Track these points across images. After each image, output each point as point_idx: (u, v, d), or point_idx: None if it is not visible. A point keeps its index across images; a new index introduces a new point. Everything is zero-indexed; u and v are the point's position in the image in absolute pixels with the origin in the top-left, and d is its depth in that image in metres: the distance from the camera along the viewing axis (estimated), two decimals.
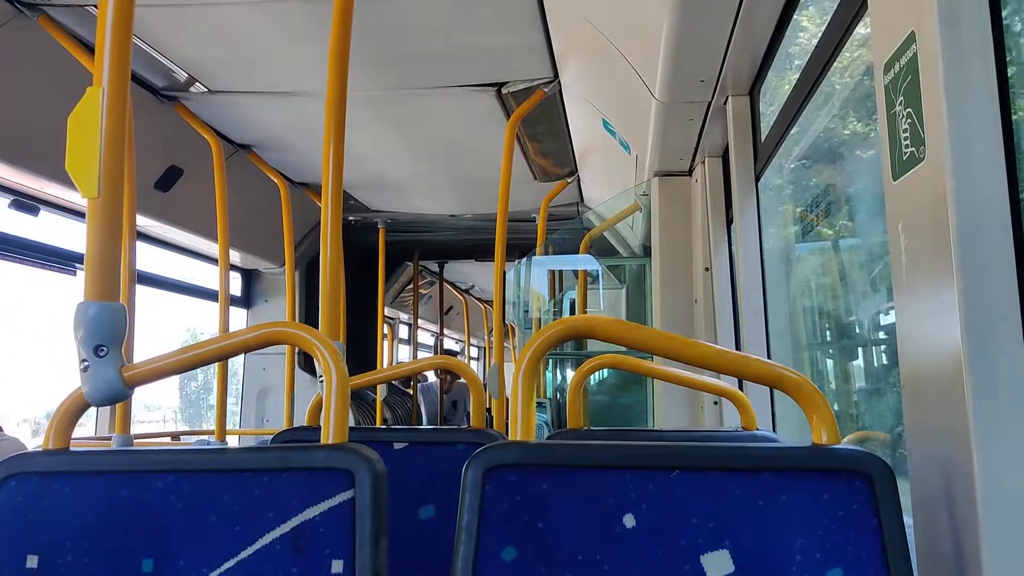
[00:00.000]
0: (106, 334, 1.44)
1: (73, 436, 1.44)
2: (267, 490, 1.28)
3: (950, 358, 1.08)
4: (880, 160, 1.29)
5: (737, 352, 1.31)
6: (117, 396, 1.43)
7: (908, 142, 1.18)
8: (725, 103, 2.99)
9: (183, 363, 1.42)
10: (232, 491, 1.28)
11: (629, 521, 1.17)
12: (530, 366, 1.28)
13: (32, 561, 1.29)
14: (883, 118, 1.27)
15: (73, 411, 1.43)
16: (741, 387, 2.54)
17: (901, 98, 1.20)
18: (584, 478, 1.20)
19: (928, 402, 1.18)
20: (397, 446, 1.99)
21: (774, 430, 2.76)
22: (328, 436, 1.34)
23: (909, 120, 1.18)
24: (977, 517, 1.03)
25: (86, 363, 1.42)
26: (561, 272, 6.21)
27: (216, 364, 4.29)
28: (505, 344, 4.18)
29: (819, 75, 2.17)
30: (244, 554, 1.25)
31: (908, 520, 1.15)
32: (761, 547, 1.14)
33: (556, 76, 3.80)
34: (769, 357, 2.89)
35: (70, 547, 1.29)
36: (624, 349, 3.35)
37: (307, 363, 5.98)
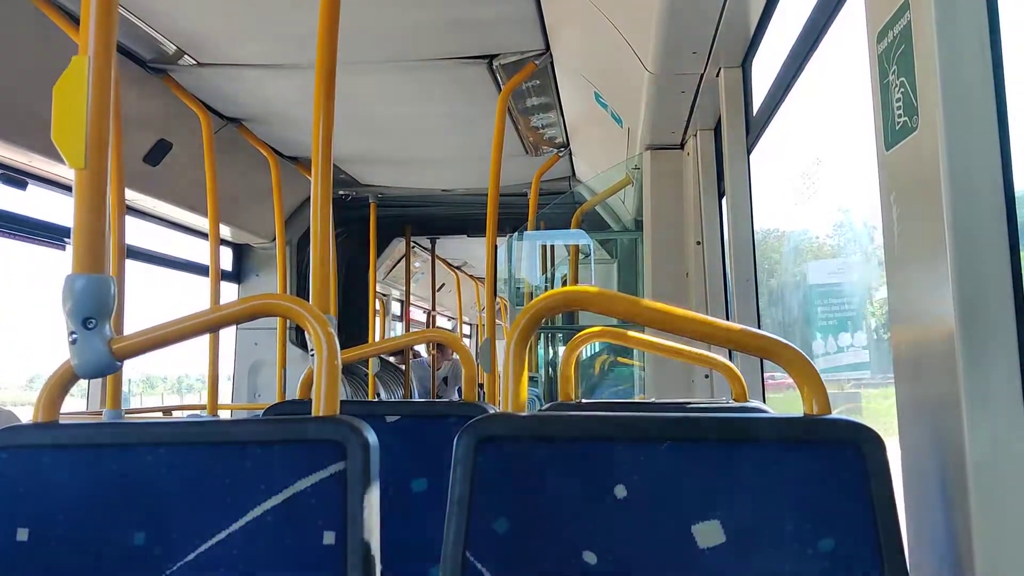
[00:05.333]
0: (94, 306, 1.43)
1: (64, 411, 1.43)
2: (259, 462, 1.27)
3: (942, 330, 1.08)
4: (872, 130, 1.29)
5: (728, 323, 1.31)
6: (106, 368, 1.42)
7: (901, 111, 1.17)
8: (717, 75, 2.97)
9: (173, 335, 1.41)
10: (224, 463, 1.28)
11: (621, 492, 1.17)
12: (522, 338, 1.27)
13: (22, 534, 1.29)
14: (875, 88, 1.27)
15: (62, 384, 1.42)
16: (731, 360, 2.55)
17: (894, 67, 1.19)
18: (576, 449, 1.20)
19: (919, 374, 1.18)
20: (389, 419, 1.99)
21: (764, 402, 2.77)
22: (319, 408, 1.33)
23: (902, 89, 1.17)
24: (968, 488, 1.03)
25: (74, 335, 1.41)
26: (553, 247, 6.20)
27: (208, 338, 4.29)
28: (498, 322, 4.17)
29: (812, 46, 2.15)
30: (236, 526, 1.25)
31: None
32: (752, 517, 1.14)
33: (548, 48, 3.77)
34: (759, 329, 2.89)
35: (61, 520, 1.29)
36: (615, 323, 3.36)
37: (299, 338, 5.97)
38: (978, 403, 1.03)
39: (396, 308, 11.02)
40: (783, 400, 3.02)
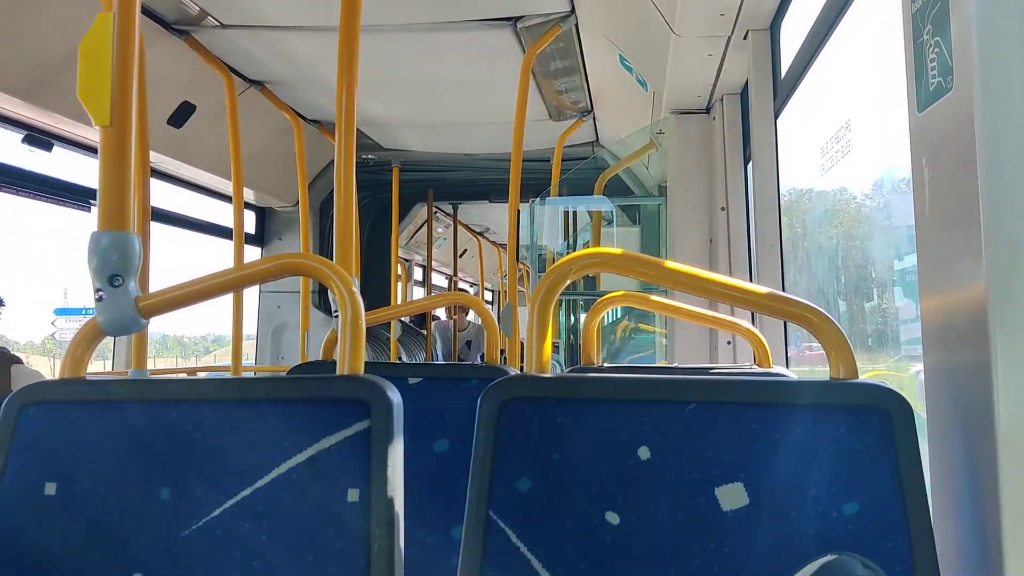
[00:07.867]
0: (121, 263, 1.43)
1: (89, 371, 1.45)
2: (283, 420, 1.28)
3: (974, 296, 1.06)
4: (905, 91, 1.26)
5: (755, 286, 1.30)
6: (132, 325, 1.43)
7: (935, 72, 1.15)
8: (745, 38, 2.93)
9: (199, 293, 1.42)
10: (249, 421, 1.29)
11: (644, 453, 1.17)
12: (547, 298, 1.27)
13: (50, 488, 1.31)
14: (909, 48, 1.24)
15: (88, 340, 1.43)
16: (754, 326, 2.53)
17: (929, 26, 1.17)
18: (599, 411, 1.20)
19: (949, 341, 1.16)
20: (412, 381, 2.00)
21: (787, 367, 2.76)
22: (344, 367, 1.34)
23: (937, 49, 1.14)
24: (996, 455, 1.02)
25: (101, 293, 1.41)
26: (575, 212, 6.17)
27: (232, 300, 4.31)
28: (520, 288, 4.16)
29: (843, 7, 2.12)
30: (261, 483, 1.26)
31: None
32: (776, 481, 1.14)
33: (573, 10, 3.72)
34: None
35: (88, 475, 1.31)
36: (638, 288, 3.34)
37: (322, 301, 6.00)
38: (1009, 371, 1.02)
39: (418, 274, 11.03)
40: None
